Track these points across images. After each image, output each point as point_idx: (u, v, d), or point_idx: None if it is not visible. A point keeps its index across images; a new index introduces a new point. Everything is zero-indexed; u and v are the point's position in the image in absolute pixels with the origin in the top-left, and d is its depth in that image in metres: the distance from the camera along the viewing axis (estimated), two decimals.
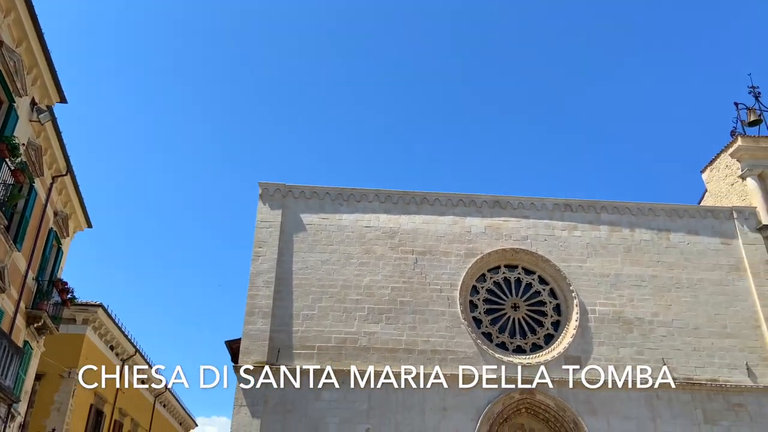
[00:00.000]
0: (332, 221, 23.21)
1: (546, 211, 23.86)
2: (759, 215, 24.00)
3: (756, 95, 27.76)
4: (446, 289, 22.06)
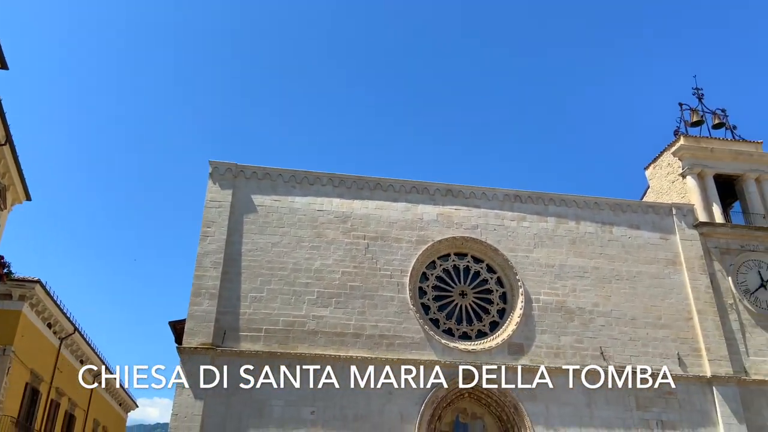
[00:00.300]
0: (284, 203, 22.95)
1: (497, 201, 24.27)
2: (696, 212, 25.13)
3: (699, 97, 28.93)
4: (396, 275, 22.22)
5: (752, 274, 24.23)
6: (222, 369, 19.71)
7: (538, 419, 20.37)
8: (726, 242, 24.66)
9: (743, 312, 23.40)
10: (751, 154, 26.63)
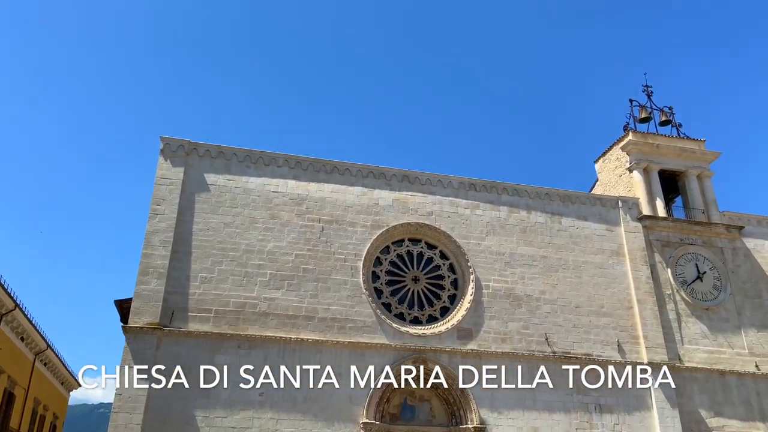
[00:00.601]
0: (238, 183, 22.59)
1: (452, 188, 24.56)
2: (641, 206, 26.09)
3: (648, 94, 29.89)
4: (350, 259, 22.27)
5: (690, 266, 25.40)
6: (169, 349, 19.40)
7: (483, 402, 20.94)
8: (667, 235, 25.75)
9: (680, 302, 24.55)
10: (694, 151, 27.76)
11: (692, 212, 26.76)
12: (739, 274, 25.63)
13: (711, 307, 24.65)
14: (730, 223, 26.55)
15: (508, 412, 21.05)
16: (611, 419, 21.71)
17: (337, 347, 20.63)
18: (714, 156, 27.86)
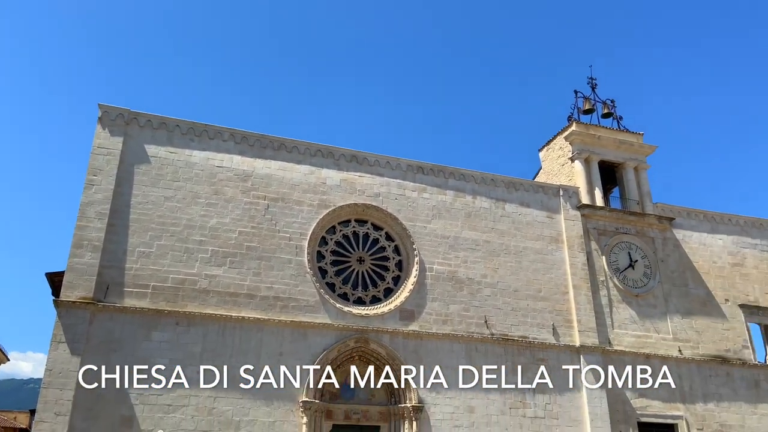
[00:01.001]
0: (181, 156, 21.89)
1: (400, 171, 24.62)
2: (580, 195, 26.95)
3: (593, 86, 30.75)
4: (295, 238, 22.06)
5: (623, 254, 26.52)
6: (102, 325, 18.78)
7: (422, 382, 21.32)
8: (603, 224, 26.75)
9: (612, 289, 25.63)
10: (632, 144, 28.82)
11: (628, 203, 27.86)
12: (668, 263, 26.96)
13: (640, 294, 25.86)
14: (662, 214, 27.81)
15: (446, 392, 21.52)
16: (543, 399, 22.56)
17: (279, 326, 20.48)
18: (651, 149, 29.02)
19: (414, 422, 20.61)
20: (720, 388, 25.11)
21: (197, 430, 18.61)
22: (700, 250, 27.75)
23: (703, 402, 24.57)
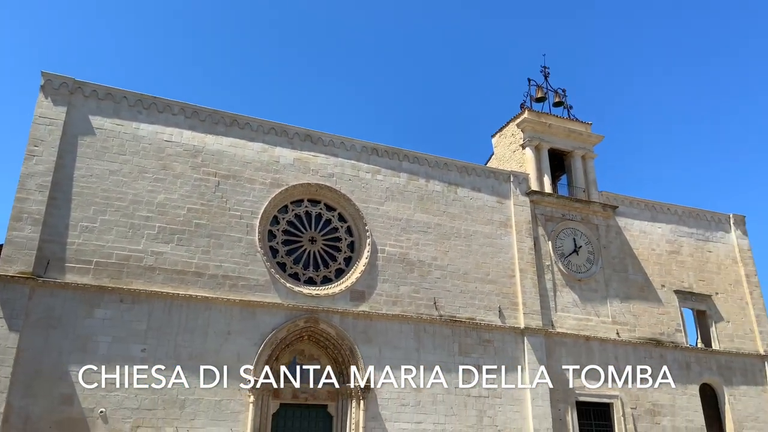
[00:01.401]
0: (127, 129, 21.21)
1: (354, 152, 24.58)
2: (530, 181, 27.60)
3: (545, 75, 31.39)
4: (246, 216, 21.80)
5: (568, 240, 27.40)
6: (42, 301, 18.18)
7: (370, 361, 21.60)
8: (551, 210, 27.52)
9: (557, 273, 26.48)
10: (581, 133, 29.64)
11: (575, 190, 28.72)
12: (610, 249, 28.02)
13: (583, 278, 26.83)
14: (606, 202, 28.81)
15: (393, 372, 21.86)
16: (488, 379, 23.21)
17: (227, 305, 20.29)
18: (598, 139, 29.92)
19: (362, 401, 20.89)
20: (654, 369, 26.38)
21: (140, 408, 18.34)
22: (640, 238, 28.94)
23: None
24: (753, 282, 30.16)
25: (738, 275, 30.26)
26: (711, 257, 30.15)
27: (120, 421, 18.04)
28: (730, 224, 31.47)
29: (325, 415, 21.07)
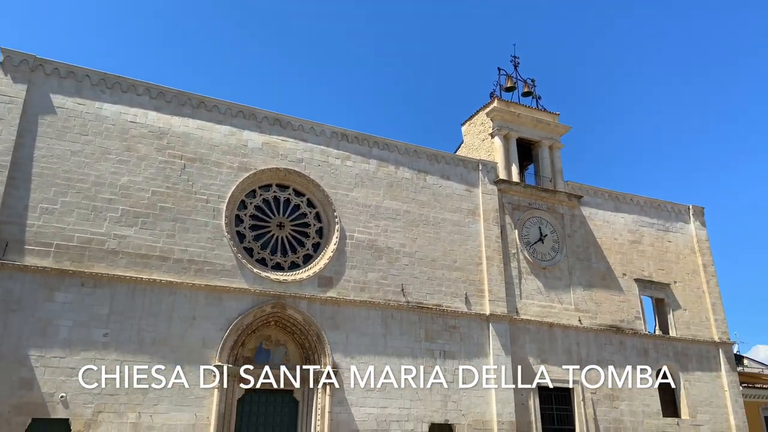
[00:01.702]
0: (90, 109, 20.66)
1: (324, 137, 24.44)
2: (498, 170, 27.90)
3: (515, 64, 31.62)
4: (213, 201, 21.52)
5: (534, 229, 27.84)
6: (1, 283, 17.72)
7: (337, 347, 21.67)
8: (518, 199, 27.90)
9: (522, 261, 26.91)
10: (549, 123, 30.03)
11: (541, 180, 29.15)
12: (574, 238, 28.59)
13: (548, 267, 27.34)
14: (571, 192, 29.33)
15: (360, 357, 22.00)
16: (453, 364, 23.57)
17: (192, 290, 20.07)
18: (565, 129, 30.36)
19: (328, 386, 20.96)
20: (613, 355, 27.18)
21: (102, 394, 18.06)
22: (603, 227, 29.59)
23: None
24: (710, 271, 31.19)
25: (696, 265, 31.25)
26: (670, 247, 31.04)
27: (81, 407, 17.75)
28: (689, 215, 32.41)
29: (290, 400, 21.10)
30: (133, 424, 18.17)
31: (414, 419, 22.15)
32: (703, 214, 32.71)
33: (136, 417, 18.24)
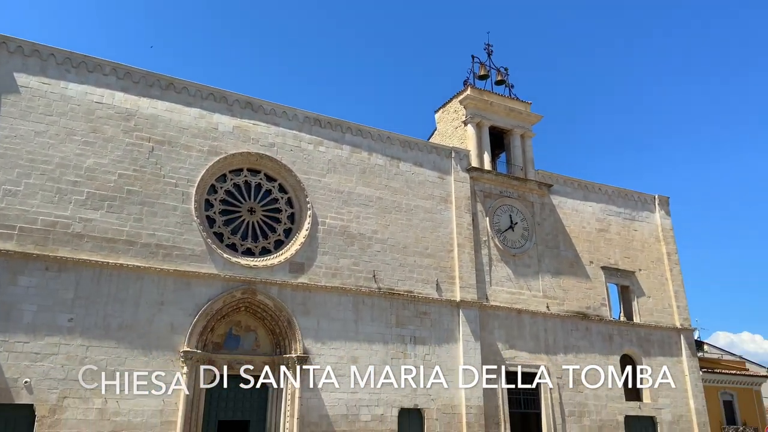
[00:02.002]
0: (55, 88, 20.07)
1: (296, 122, 24.21)
2: (470, 158, 28.06)
3: (489, 53, 31.70)
4: (182, 184, 21.19)
5: (505, 216, 28.14)
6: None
7: (308, 333, 21.67)
8: (489, 187, 28.13)
9: (493, 248, 27.21)
10: (521, 112, 30.26)
11: (513, 168, 29.42)
12: (543, 226, 28.99)
13: (517, 254, 27.71)
14: (542, 180, 29.68)
15: (331, 343, 22.04)
16: (423, 350, 23.80)
17: (160, 275, 19.79)
18: (537, 118, 30.65)
19: (298, 372, 20.96)
20: (579, 341, 27.78)
21: (67, 379, 17.76)
22: (572, 216, 30.07)
23: (564, 353, 27.13)
24: (673, 260, 32.01)
25: (660, 253, 32.02)
26: (636, 235, 31.72)
27: (46, 392, 17.44)
28: (655, 204, 33.14)
29: (260, 386, 21.04)
30: (99, 410, 17.93)
31: (384, 404, 22.35)
32: (668, 203, 33.48)
33: (102, 403, 18.00)
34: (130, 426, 18.18)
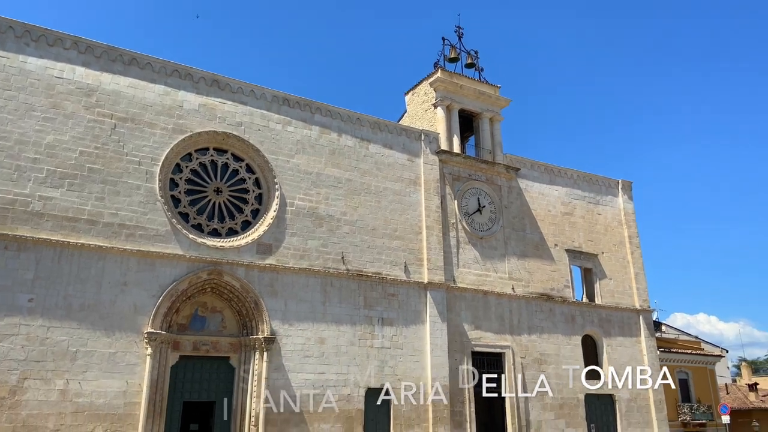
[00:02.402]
0: (13, 62, 19.34)
1: (264, 101, 23.87)
2: (440, 141, 28.15)
3: (459, 35, 31.69)
4: (146, 163, 20.75)
5: (473, 199, 28.40)
6: None
7: (275, 315, 21.62)
8: (458, 170, 28.31)
9: (461, 231, 27.48)
10: (490, 96, 30.42)
11: (481, 151, 29.64)
12: (510, 209, 29.38)
13: (485, 236, 28.05)
14: (510, 164, 30.00)
15: (298, 324, 22.06)
16: (390, 331, 24.02)
17: (123, 255, 19.44)
18: (506, 102, 30.86)
19: (265, 353, 20.95)
20: (543, 322, 28.40)
21: (28, 360, 17.40)
22: (538, 199, 30.53)
23: (528, 334, 27.71)
24: (634, 243, 32.87)
25: (622, 236, 32.83)
26: (600, 219, 32.43)
27: (6, 373, 17.05)
28: (618, 189, 33.88)
29: (227, 366, 21.00)
30: (61, 391, 17.64)
31: (351, 384, 22.53)
32: (631, 188, 34.26)
33: (64, 384, 17.70)
34: (93, 407, 17.95)
